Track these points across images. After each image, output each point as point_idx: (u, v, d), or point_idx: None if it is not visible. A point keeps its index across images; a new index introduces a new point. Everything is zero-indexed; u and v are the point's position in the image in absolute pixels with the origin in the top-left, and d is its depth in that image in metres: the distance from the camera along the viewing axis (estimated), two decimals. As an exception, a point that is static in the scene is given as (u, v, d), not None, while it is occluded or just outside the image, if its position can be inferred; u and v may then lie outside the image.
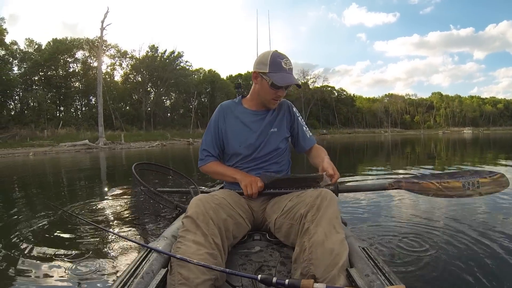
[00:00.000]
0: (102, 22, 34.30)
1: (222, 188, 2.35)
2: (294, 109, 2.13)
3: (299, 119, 2.13)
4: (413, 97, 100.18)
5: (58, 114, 41.80)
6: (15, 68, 39.81)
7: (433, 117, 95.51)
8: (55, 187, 6.49)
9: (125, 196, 4.02)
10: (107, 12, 34.29)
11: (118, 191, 4.11)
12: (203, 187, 3.06)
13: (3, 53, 37.66)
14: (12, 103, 40.05)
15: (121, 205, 4.03)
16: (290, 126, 2.10)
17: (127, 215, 3.67)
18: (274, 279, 1.20)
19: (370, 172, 8.07)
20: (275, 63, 1.87)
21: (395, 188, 2.19)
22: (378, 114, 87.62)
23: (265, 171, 1.98)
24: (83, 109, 45.80)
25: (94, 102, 42.91)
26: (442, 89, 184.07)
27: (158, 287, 1.26)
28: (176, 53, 50.12)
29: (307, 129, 2.16)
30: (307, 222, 1.47)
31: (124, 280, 1.23)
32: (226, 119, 2.06)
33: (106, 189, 3.99)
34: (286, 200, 1.74)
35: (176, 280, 1.27)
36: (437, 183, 2.08)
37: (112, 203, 4.10)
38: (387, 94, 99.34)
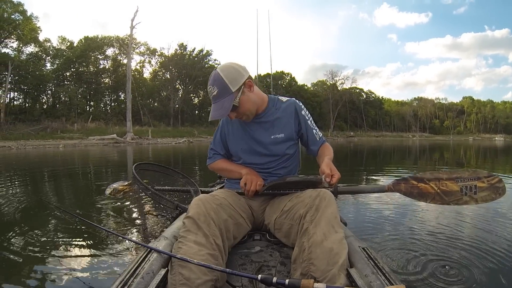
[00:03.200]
0: (132, 20, 35.04)
1: (222, 187, 2.35)
2: (303, 111, 1.99)
3: (309, 122, 1.99)
4: (443, 101, 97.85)
5: (88, 109, 42.86)
6: (48, 64, 41.57)
7: (464, 123, 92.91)
8: (65, 183, 6.57)
9: (125, 196, 3.99)
10: (137, 11, 35.01)
11: (117, 187, 4.05)
12: (204, 187, 2.98)
13: (36, 50, 39.28)
14: (45, 97, 41.47)
15: (121, 205, 4.05)
16: (298, 130, 1.98)
17: (127, 215, 3.70)
18: (274, 279, 1.20)
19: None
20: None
21: (394, 191, 2.14)
22: (406, 118, 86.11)
23: (271, 176, 1.95)
24: (112, 104, 46.86)
25: (123, 98, 43.67)
26: (475, 94, 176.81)
27: (158, 287, 1.27)
28: (204, 52, 50.62)
29: (317, 131, 2.04)
30: (306, 222, 1.47)
31: (124, 280, 1.24)
32: (231, 122, 2.00)
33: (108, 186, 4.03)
34: (285, 200, 1.74)
35: (177, 280, 1.26)
36: (435, 186, 2.06)
37: (112, 203, 4.10)
38: (416, 97, 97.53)
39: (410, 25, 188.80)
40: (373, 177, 7.50)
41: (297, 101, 2.00)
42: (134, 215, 3.67)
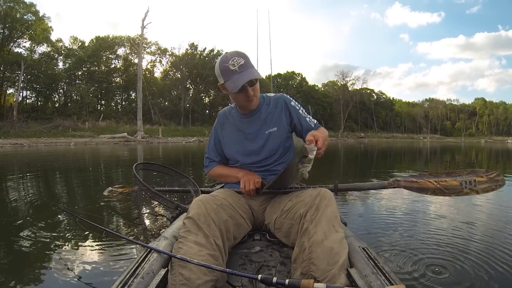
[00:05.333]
0: (143, 20, 35.48)
1: (222, 187, 2.33)
2: (293, 102, 2.01)
3: (300, 111, 2.00)
4: (455, 103, 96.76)
5: (99, 107, 43.15)
6: (60, 64, 42.05)
7: (475, 125, 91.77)
8: (67, 183, 6.51)
9: (125, 196, 3.98)
10: (148, 11, 35.45)
11: (116, 191, 4.05)
12: (204, 187, 3.01)
13: (49, 50, 39.97)
14: (57, 96, 42.05)
15: (121, 205, 4.05)
16: (290, 122, 1.99)
17: (127, 215, 3.71)
18: (274, 279, 1.20)
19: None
20: (224, 70, 1.75)
21: (394, 187, 2.17)
22: (417, 119, 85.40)
23: (270, 173, 1.96)
24: (123, 103, 47.06)
25: (134, 97, 44.01)
26: (487, 95, 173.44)
27: (158, 287, 1.28)
28: (215, 51, 50.42)
29: (311, 119, 2.02)
30: (306, 222, 1.48)
31: (124, 280, 1.25)
32: (224, 127, 2.05)
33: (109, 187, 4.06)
34: (286, 200, 1.75)
35: (177, 281, 1.27)
36: (435, 182, 2.09)
37: (113, 203, 4.09)
38: (428, 98, 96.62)
39: (422, 25, 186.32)
40: (382, 180, 7.42)
41: (284, 94, 2.04)
42: (134, 215, 3.67)
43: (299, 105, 2.01)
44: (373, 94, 79.08)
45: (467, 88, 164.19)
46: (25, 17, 35.42)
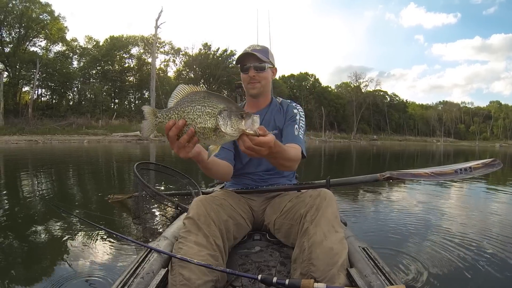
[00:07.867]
0: (157, 20, 35.91)
1: (222, 188, 2.34)
2: (295, 110, 1.94)
3: (297, 118, 1.90)
4: (469, 105, 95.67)
5: (112, 106, 43.71)
6: (75, 63, 42.84)
7: (490, 128, 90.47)
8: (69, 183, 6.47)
9: (126, 196, 4.02)
10: (161, 11, 35.90)
11: (117, 197, 4.02)
12: (204, 188, 3.08)
13: (64, 49, 40.77)
14: (71, 94, 42.63)
15: (121, 205, 4.04)
16: (283, 125, 1.93)
17: (127, 215, 3.73)
18: (274, 279, 1.21)
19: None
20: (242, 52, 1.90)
21: (387, 178, 2.10)
22: (431, 122, 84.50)
23: (269, 184, 1.96)
24: (136, 102, 47.47)
25: (147, 96, 44.52)
26: (503, 98, 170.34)
27: (158, 287, 1.28)
28: (228, 52, 50.65)
29: (300, 130, 1.86)
30: (306, 222, 1.47)
31: (124, 280, 1.25)
32: None
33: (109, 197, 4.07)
34: (285, 201, 1.75)
35: (177, 281, 1.27)
36: (428, 171, 2.06)
37: (113, 203, 4.08)
38: (442, 101, 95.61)
39: (438, 26, 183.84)
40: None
41: (294, 102, 2.03)
42: (134, 215, 3.65)
43: (300, 114, 1.92)
44: (387, 96, 78.69)
45: (483, 90, 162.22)
46: (41, 16, 36.19)
